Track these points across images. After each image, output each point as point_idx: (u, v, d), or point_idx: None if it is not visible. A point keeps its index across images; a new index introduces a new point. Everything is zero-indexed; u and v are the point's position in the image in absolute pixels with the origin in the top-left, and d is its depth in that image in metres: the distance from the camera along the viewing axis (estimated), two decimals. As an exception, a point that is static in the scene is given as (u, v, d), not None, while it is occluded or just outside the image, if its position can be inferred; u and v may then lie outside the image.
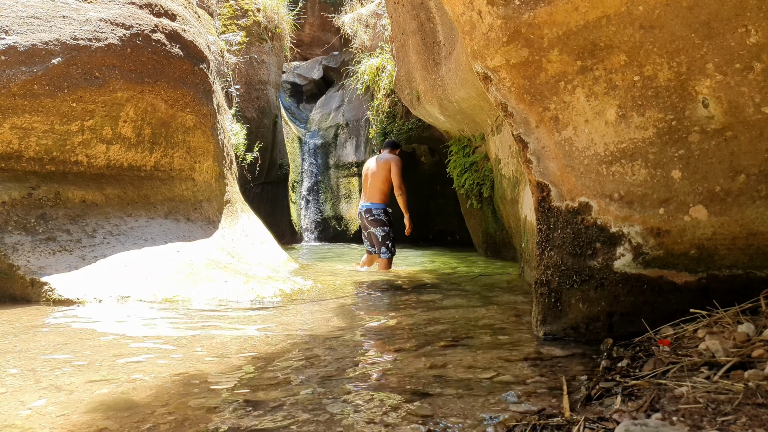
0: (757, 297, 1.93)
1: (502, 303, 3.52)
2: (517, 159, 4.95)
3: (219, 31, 9.42)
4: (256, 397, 1.69)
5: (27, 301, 3.59)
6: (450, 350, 2.25)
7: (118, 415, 1.55)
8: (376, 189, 5.94)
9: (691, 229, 2.09)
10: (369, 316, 3.17)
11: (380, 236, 5.89)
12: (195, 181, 5.34)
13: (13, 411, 1.59)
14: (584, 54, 2.14)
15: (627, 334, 2.17)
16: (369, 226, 5.96)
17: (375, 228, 5.91)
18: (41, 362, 2.11)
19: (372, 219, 5.91)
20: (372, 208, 5.93)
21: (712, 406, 1.29)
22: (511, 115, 2.42)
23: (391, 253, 5.91)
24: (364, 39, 11.85)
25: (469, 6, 2.31)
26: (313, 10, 15.64)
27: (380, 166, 5.96)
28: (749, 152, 1.96)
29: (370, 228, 5.96)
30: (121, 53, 4.44)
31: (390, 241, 5.89)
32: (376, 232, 5.91)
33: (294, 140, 13.84)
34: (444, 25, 5.54)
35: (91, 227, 4.21)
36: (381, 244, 5.89)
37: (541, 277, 2.40)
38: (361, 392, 1.74)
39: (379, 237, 5.90)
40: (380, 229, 5.88)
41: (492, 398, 1.63)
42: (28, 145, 4.07)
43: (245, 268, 4.65)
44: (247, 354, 2.25)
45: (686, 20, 1.91)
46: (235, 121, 8.81)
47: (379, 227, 5.89)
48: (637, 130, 2.12)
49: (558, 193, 2.36)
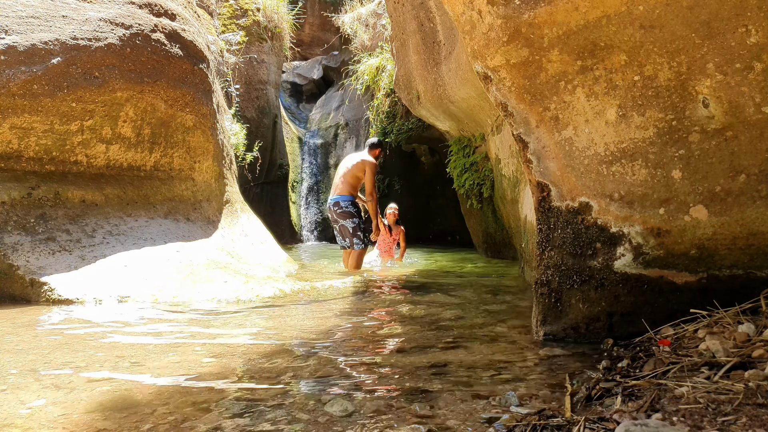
0: (758, 297, 1.93)
1: (502, 303, 3.52)
2: (517, 159, 4.95)
3: (219, 30, 9.42)
4: (255, 397, 1.69)
5: (27, 301, 3.58)
6: (450, 350, 2.25)
7: (117, 416, 1.54)
8: (346, 183, 5.88)
9: (692, 229, 2.08)
10: (369, 316, 3.17)
11: (351, 227, 5.80)
12: (195, 181, 5.33)
13: (13, 410, 1.59)
14: (584, 54, 2.13)
15: (627, 334, 2.17)
16: (339, 219, 5.87)
17: (345, 220, 5.83)
18: (41, 362, 2.11)
19: (341, 211, 5.83)
20: (340, 200, 5.85)
21: (713, 406, 1.28)
22: (511, 114, 2.42)
23: (364, 244, 5.84)
24: (364, 39, 11.85)
25: (469, 6, 2.30)
26: (312, 10, 15.64)
27: (356, 166, 5.89)
28: (749, 152, 1.96)
29: (340, 221, 5.87)
30: (121, 53, 4.44)
31: (361, 232, 5.81)
32: (346, 224, 5.82)
33: (294, 140, 13.84)
34: (444, 25, 5.54)
35: (91, 227, 4.21)
36: (353, 235, 5.81)
37: (541, 277, 2.40)
38: (361, 392, 1.74)
39: (349, 228, 5.81)
40: (350, 221, 5.80)
41: (492, 398, 1.63)
42: (28, 145, 4.06)
43: (245, 268, 4.65)
44: (246, 354, 2.25)
45: (686, 20, 1.91)
46: (235, 120, 8.81)
47: (348, 219, 5.80)
48: (638, 129, 2.12)
49: (558, 193, 2.36)
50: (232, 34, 9.68)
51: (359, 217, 5.87)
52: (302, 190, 13.52)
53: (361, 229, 5.83)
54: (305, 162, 13.71)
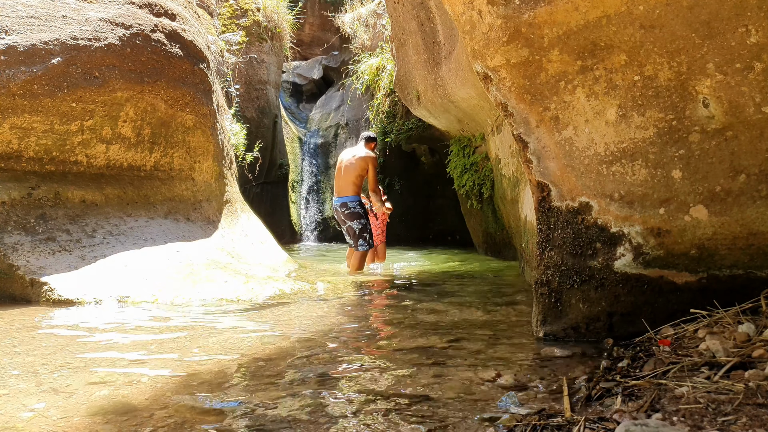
0: (758, 297, 1.93)
1: (502, 303, 3.52)
2: (517, 159, 4.95)
3: (219, 30, 9.42)
4: (255, 398, 1.69)
5: (27, 301, 3.58)
6: (450, 350, 2.25)
7: (117, 419, 1.54)
8: (350, 183, 5.86)
9: (692, 229, 2.08)
10: (369, 315, 3.17)
11: (357, 229, 5.80)
12: (195, 181, 5.33)
13: (14, 413, 1.59)
14: (584, 54, 2.13)
15: (627, 334, 2.17)
16: (346, 221, 5.88)
17: (352, 221, 5.83)
18: (41, 364, 2.11)
19: (348, 213, 5.83)
20: (347, 201, 5.85)
21: (713, 406, 1.28)
22: (511, 114, 2.42)
23: (368, 246, 5.84)
24: (364, 38, 11.84)
25: (469, 5, 2.30)
26: (313, 10, 15.63)
27: (356, 163, 5.85)
28: (750, 152, 1.96)
29: (347, 222, 5.88)
30: (121, 53, 4.44)
31: (367, 233, 5.82)
32: (353, 225, 5.81)
33: (294, 140, 13.83)
34: (444, 25, 5.54)
35: (91, 227, 4.21)
36: (358, 236, 5.81)
37: (541, 277, 2.39)
38: (361, 392, 1.74)
39: (356, 230, 5.81)
40: (357, 222, 5.80)
41: (492, 398, 1.63)
42: (28, 145, 4.06)
43: (245, 268, 4.65)
44: (246, 354, 2.25)
45: (687, 20, 1.91)
46: (235, 120, 8.80)
47: (355, 220, 5.80)
48: (638, 129, 2.12)
49: (558, 193, 2.36)
50: (232, 34, 9.68)
51: (366, 218, 5.88)
52: (302, 190, 13.51)
53: (368, 230, 5.84)
54: (305, 162, 13.70)
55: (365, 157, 5.84)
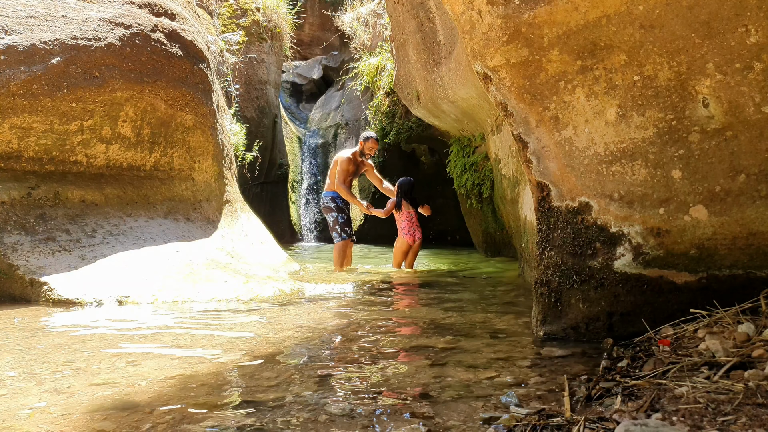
0: (757, 297, 1.93)
1: (502, 303, 3.52)
2: (517, 159, 4.95)
3: (218, 30, 9.41)
4: (255, 397, 1.69)
5: (26, 301, 3.58)
6: (450, 350, 2.25)
7: (117, 415, 1.54)
8: (330, 179, 6.26)
9: (692, 228, 2.08)
10: (368, 315, 3.17)
11: (330, 221, 6.14)
12: (194, 180, 5.33)
13: (13, 412, 1.59)
14: (584, 54, 2.13)
15: (627, 334, 2.17)
16: (324, 213, 6.28)
17: (327, 214, 6.20)
18: (41, 363, 2.11)
19: (323, 206, 6.22)
20: (323, 196, 6.26)
21: (712, 406, 1.28)
22: (511, 114, 2.42)
23: (341, 238, 6.03)
24: (364, 38, 11.84)
25: (469, 5, 2.30)
26: (312, 10, 15.62)
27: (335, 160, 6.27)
28: (749, 152, 1.96)
29: (324, 215, 6.27)
30: (121, 53, 4.43)
31: (339, 226, 6.06)
32: (327, 218, 6.20)
33: (294, 140, 13.83)
34: (444, 25, 5.54)
35: (91, 227, 4.21)
36: (332, 229, 6.14)
37: (541, 277, 2.40)
38: (360, 392, 1.74)
39: (329, 222, 6.15)
40: (330, 215, 6.13)
41: (492, 398, 1.63)
42: (28, 145, 4.06)
43: (245, 268, 4.65)
44: (246, 354, 2.25)
45: (686, 20, 1.91)
46: (235, 120, 8.80)
47: (328, 213, 6.15)
48: (637, 129, 2.12)
49: (558, 193, 2.36)
50: (232, 34, 9.68)
51: (338, 212, 6.12)
52: (302, 190, 13.50)
53: (339, 223, 6.07)
54: (305, 162, 13.69)
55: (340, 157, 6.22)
